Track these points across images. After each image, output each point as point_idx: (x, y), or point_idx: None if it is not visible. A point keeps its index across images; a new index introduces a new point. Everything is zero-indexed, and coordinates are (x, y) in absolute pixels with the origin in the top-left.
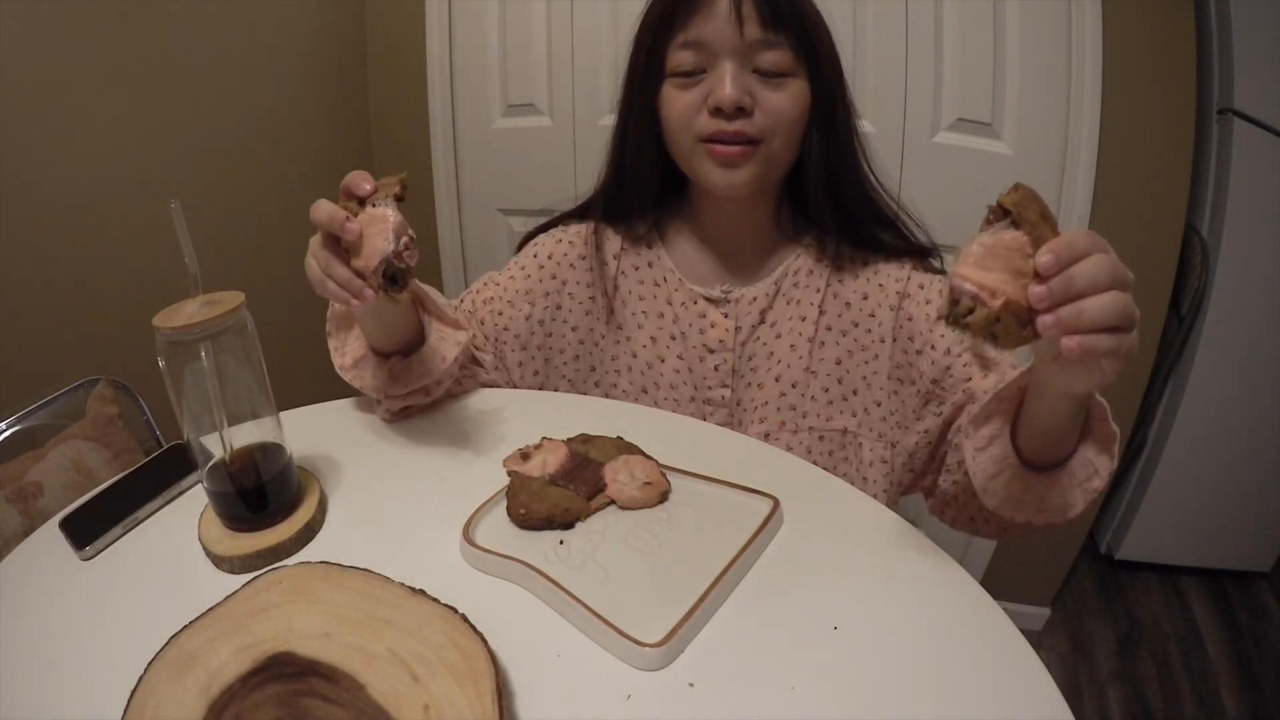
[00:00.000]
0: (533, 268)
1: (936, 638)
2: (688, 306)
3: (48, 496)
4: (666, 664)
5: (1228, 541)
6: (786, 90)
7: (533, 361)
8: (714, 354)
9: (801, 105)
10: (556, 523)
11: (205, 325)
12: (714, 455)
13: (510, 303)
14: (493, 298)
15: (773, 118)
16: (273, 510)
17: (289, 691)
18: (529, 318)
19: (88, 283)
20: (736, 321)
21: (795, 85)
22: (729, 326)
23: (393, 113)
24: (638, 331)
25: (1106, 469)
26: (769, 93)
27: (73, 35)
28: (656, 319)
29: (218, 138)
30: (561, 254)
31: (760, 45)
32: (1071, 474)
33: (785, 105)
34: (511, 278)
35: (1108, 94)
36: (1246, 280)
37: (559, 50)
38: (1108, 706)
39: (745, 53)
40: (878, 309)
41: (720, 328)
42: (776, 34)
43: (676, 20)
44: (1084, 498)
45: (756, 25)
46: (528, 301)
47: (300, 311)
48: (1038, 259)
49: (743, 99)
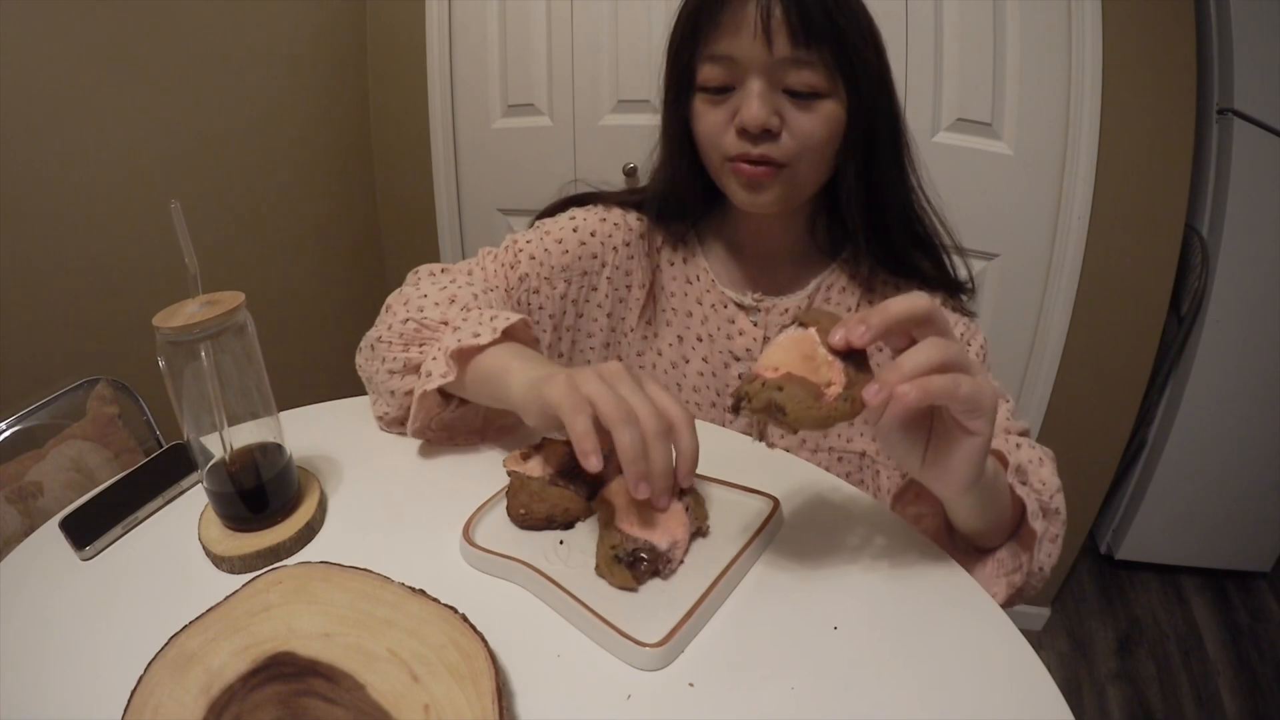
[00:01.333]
0: (573, 243)
1: (936, 638)
2: (717, 309)
3: (48, 496)
4: (666, 664)
5: (1228, 541)
6: (818, 113)
7: (560, 344)
8: (739, 361)
9: (833, 128)
10: (556, 523)
11: (205, 325)
12: (714, 455)
13: (547, 279)
14: (528, 274)
15: (801, 141)
16: (273, 510)
17: (289, 691)
18: (564, 296)
19: (88, 283)
20: (765, 331)
21: (828, 107)
22: (757, 335)
23: (393, 113)
24: (665, 329)
25: (1028, 566)
26: (799, 114)
27: (73, 36)
28: (685, 317)
29: (218, 138)
30: (606, 234)
31: (790, 63)
32: (999, 562)
33: (814, 129)
34: (547, 250)
35: (1108, 94)
36: (1246, 280)
37: (559, 50)
38: (1108, 706)
39: (775, 70)
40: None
41: (748, 335)
42: (809, 50)
43: (701, 33)
44: (1007, 589)
45: (786, 41)
46: (564, 279)
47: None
48: (830, 335)
49: (770, 121)
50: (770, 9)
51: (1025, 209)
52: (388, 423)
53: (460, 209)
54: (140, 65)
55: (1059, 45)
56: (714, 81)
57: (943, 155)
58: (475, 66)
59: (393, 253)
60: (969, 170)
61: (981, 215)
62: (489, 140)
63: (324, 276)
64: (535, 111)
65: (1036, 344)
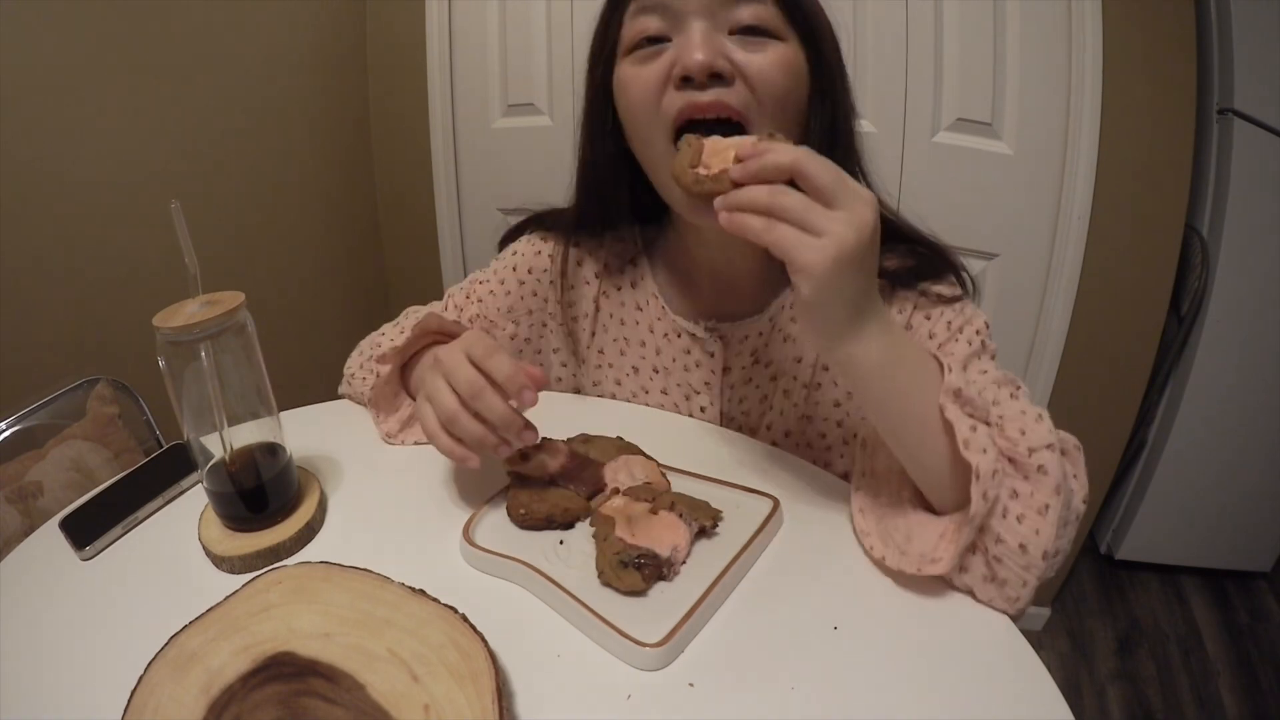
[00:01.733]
0: (513, 283)
1: (936, 638)
2: (670, 339)
3: (48, 496)
4: (666, 664)
5: (1228, 541)
6: (772, 53)
7: None
8: (699, 395)
9: (793, 72)
10: (556, 523)
11: (205, 325)
12: (714, 455)
13: (494, 322)
14: (477, 315)
15: (760, 87)
16: (273, 510)
17: (289, 691)
18: (514, 337)
19: (88, 283)
20: (725, 362)
21: (783, 49)
22: (715, 367)
23: (393, 113)
24: (620, 359)
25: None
26: (750, 55)
27: (73, 35)
28: (639, 347)
29: (218, 138)
30: (541, 268)
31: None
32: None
33: (770, 69)
34: (492, 292)
35: (1108, 94)
36: (1246, 280)
37: (559, 50)
38: (1108, 706)
39: (718, 9)
40: None
41: (705, 368)
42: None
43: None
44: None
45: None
46: (511, 320)
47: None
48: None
49: (716, 61)
50: None
51: (1025, 209)
52: (386, 433)
53: (460, 209)
54: (140, 65)
55: (1059, 45)
56: (647, 34)
57: (943, 155)
58: (475, 66)
59: (393, 252)
60: (969, 170)
61: (981, 215)
62: (489, 140)
63: (324, 276)
64: (535, 111)
65: (1036, 344)
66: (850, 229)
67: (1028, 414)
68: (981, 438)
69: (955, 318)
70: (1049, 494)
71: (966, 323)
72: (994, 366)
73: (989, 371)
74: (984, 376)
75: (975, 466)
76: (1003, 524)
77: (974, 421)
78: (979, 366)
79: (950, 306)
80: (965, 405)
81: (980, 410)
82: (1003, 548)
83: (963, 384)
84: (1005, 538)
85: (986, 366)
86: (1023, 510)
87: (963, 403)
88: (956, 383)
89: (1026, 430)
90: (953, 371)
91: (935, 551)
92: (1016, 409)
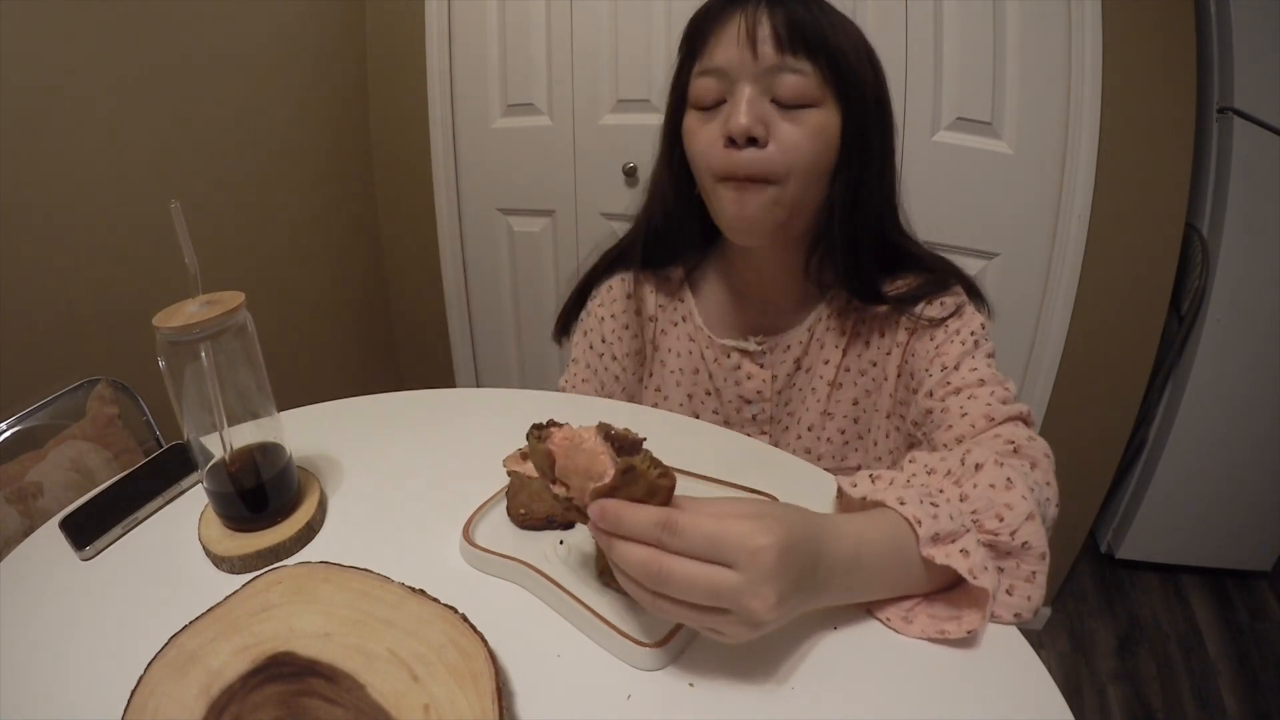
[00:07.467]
0: (591, 357)
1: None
2: (720, 362)
3: (48, 496)
4: (666, 664)
5: (1228, 541)
6: (805, 124)
7: None
8: (751, 404)
9: (823, 140)
10: (556, 523)
11: (205, 325)
12: (714, 455)
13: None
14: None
15: (787, 153)
16: (273, 510)
17: (289, 691)
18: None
19: (88, 283)
20: (773, 371)
21: (817, 117)
22: (765, 377)
23: (393, 113)
24: (675, 390)
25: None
26: (786, 125)
27: (73, 36)
28: (692, 375)
29: (218, 138)
30: (609, 330)
31: (778, 70)
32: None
33: (801, 140)
34: (576, 373)
35: (1108, 94)
36: (1246, 280)
37: (559, 50)
38: (1108, 706)
39: (763, 79)
40: (894, 346)
41: (757, 379)
42: (797, 57)
43: (694, 46)
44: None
45: (772, 47)
46: (599, 381)
47: (300, 311)
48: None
49: (754, 127)
50: (757, 17)
51: (1025, 208)
52: None
53: (460, 208)
54: (141, 65)
55: (1059, 45)
56: (707, 96)
57: (943, 155)
58: (475, 66)
59: (392, 252)
60: (969, 169)
61: (981, 215)
62: (489, 140)
63: (324, 277)
64: (535, 111)
65: (1036, 344)
66: (756, 590)
67: (996, 485)
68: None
69: (953, 320)
70: (1035, 562)
71: (964, 324)
72: (985, 365)
73: (978, 369)
74: (972, 374)
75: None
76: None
77: (961, 545)
78: (969, 364)
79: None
80: (946, 539)
81: (957, 524)
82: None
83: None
84: (999, 614)
85: (976, 364)
86: (1011, 582)
87: (941, 539)
88: (928, 530)
89: (1003, 516)
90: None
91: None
92: (985, 482)
